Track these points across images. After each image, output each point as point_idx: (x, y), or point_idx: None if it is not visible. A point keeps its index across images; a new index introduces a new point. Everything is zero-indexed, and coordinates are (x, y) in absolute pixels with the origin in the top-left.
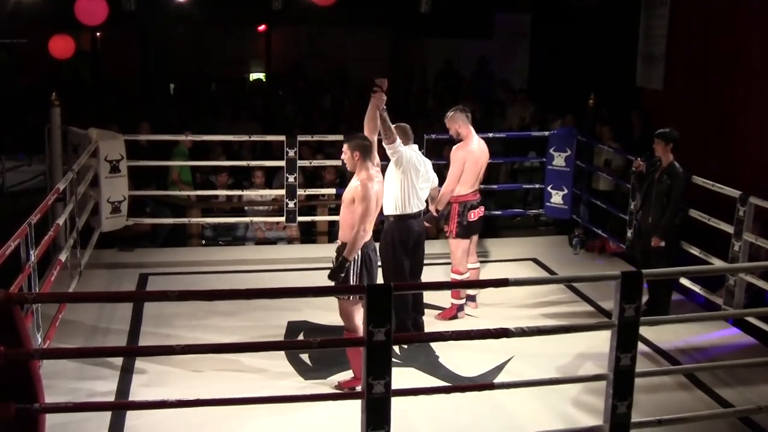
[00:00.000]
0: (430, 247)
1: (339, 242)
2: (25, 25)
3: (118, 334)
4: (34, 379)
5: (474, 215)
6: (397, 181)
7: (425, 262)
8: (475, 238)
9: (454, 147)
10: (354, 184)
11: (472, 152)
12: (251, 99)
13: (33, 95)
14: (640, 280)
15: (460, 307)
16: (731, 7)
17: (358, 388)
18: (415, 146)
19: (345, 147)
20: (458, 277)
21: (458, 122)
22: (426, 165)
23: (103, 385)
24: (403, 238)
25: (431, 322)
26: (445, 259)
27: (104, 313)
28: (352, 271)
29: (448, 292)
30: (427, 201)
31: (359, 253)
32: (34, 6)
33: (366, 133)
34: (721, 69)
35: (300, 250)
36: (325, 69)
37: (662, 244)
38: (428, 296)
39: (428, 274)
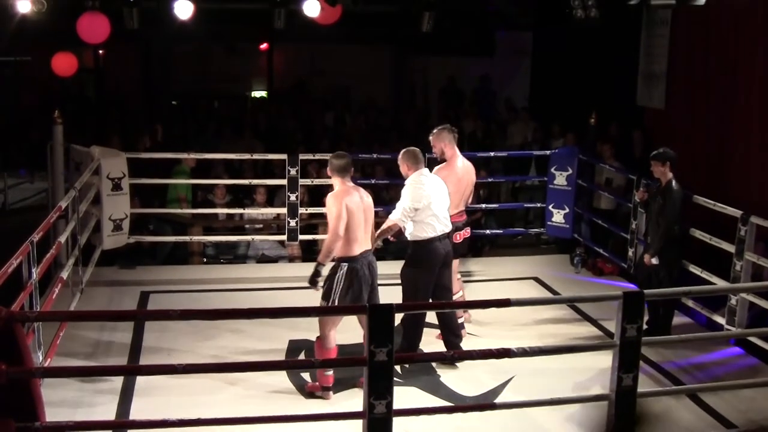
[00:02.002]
0: None
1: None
2: (28, 43)
3: (119, 351)
4: (35, 398)
5: (459, 237)
6: (419, 203)
7: None
8: (457, 261)
9: (437, 168)
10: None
11: (455, 173)
12: (253, 116)
13: (36, 112)
14: (641, 300)
15: (461, 326)
16: (732, 26)
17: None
18: (426, 170)
19: (329, 170)
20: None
21: (444, 141)
22: (440, 185)
23: (104, 403)
24: (428, 262)
25: (431, 341)
26: None
27: (105, 330)
28: (335, 282)
29: None
30: None
31: (345, 265)
32: (37, 24)
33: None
34: (722, 88)
35: (301, 268)
36: (328, 87)
37: (654, 261)
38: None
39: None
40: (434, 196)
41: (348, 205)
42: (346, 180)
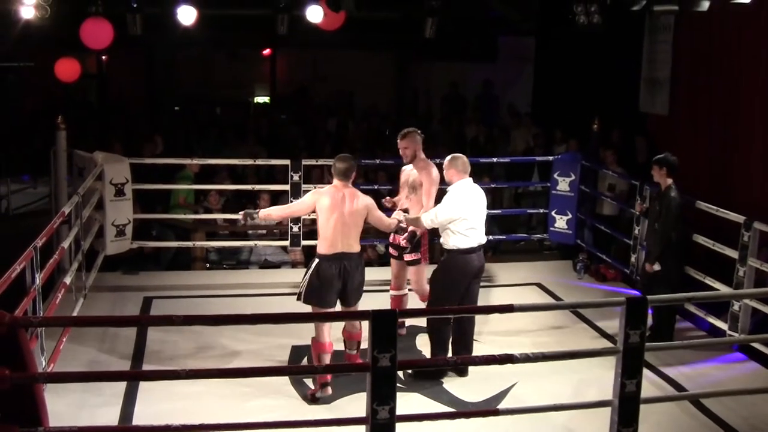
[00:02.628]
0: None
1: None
2: (31, 49)
3: (122, 357)
4: (39, 403)
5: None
6: (456, 215)
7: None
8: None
9: (425, 166)
10: None
11: (436, 179)
12: (256, 122)
13: (39, 118)
14: (644, 306)
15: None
16: (735, 32)
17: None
18: (470, 179)
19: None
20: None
21: (418, 144)
22: (481, 195)
23: (106, 409)
24: (460, 272)
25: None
26: None
27: (108, 336)
28: (306, 274)
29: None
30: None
31: (316, 261)
32: (40, 29)
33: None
34: (725, 94)
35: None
36: (330, 93)
37: (656, 268)
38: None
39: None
40: (475, 207)
41: (320, 202)
42: (342, 181)
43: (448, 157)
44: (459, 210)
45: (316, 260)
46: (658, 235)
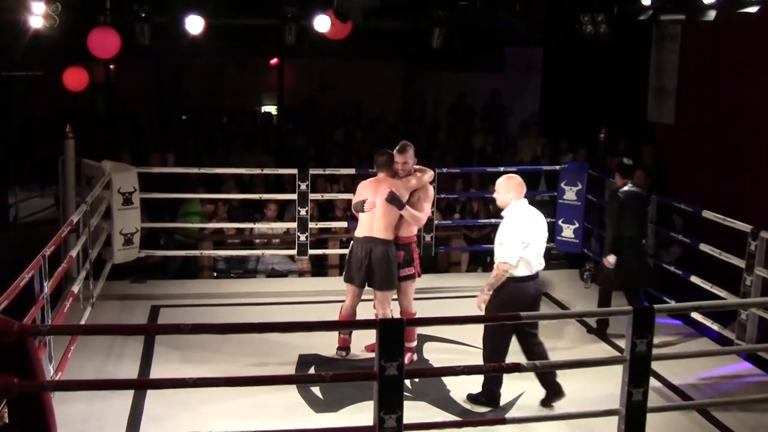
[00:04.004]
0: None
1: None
2: (40, 58)
3: (130, 365)
4: (47, 411)
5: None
6: (524, 240)
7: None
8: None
9: (420, 176)
10: None
11: (432, 192)
12: (264, 132)
13: (47, 127)
14: (651, 315)
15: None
16: (741, 41)
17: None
18: (525, 201)
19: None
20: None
21: (414, 158)
22: (542, 218)
23: (114, 416)
24: (516, 302)
25: (437, 358)
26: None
27: (116, 344)
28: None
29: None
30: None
31: (351, 242)
32: (49, 39)
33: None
34: (731, 102)
35: (311, 283)
36: (338, 102)
37: (611, 260)
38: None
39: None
40: (537, 230)
41: (360, 190)
42: (382, 172)
43: (503, 179)
44: (526, 233)
45: (351, 242)
46: (608, 229)
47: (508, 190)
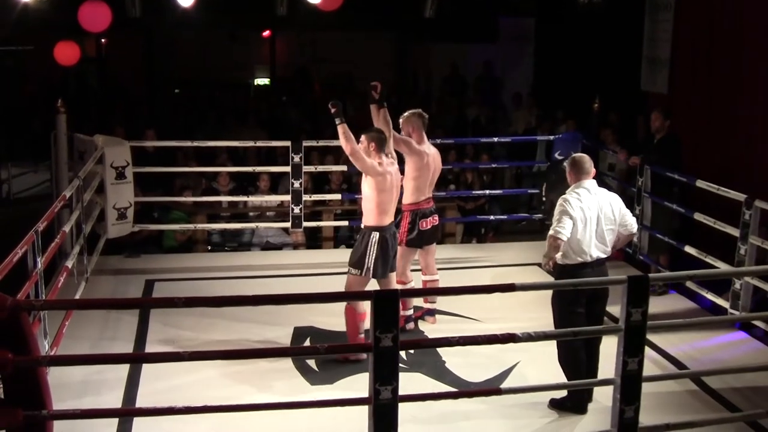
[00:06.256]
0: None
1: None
2: (30, 33)
3: (125, 340)
4: (42, 386)
5: (427, 224)
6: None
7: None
8: (431, 248)
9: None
10: None
11: (423, 159)
12: (256, 104)
13: (39, 102)
14: (646, 285)
15: (408, 318)
16: (736, 11)
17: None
18: (594, 182)
19: (362, 138)
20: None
21: (413, 125)
22: (613, 202)
23: (110, 391)
24: (572, 292)
25: (432, 329)
26: (451, 264)
27: (111, 319)
28: (368, 252)
29: (454, 298)
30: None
31: (376, 235)
32: (39, 13)
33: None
34: (726, 72)
35: (305, 255)
36: (330, 74)
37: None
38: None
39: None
40: (592, 213)
41: (386, 180)
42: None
43: (569, 159)
44: (569, 217)
45: (377, 233)
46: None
47: (569, 172)
